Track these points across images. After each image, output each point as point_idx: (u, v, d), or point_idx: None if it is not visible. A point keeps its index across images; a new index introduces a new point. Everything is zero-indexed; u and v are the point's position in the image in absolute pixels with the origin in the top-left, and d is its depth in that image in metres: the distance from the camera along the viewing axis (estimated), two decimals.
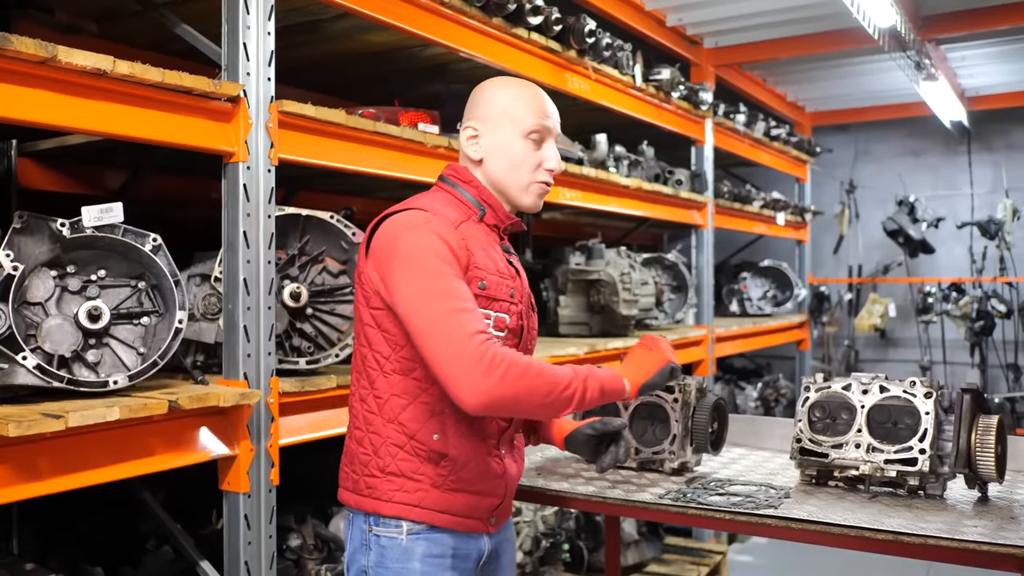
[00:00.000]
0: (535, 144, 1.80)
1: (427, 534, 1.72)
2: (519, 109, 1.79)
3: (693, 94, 4.84)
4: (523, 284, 1.85)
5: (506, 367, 1.57)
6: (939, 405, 1.99)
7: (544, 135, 1.80)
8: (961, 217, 7.62)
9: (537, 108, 1.80)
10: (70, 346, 2.01)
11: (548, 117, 1.81)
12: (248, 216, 2.25)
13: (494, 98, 1.82)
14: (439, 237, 1.65)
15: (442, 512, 1.72)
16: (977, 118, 7.26)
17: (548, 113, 1.82)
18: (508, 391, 1.57)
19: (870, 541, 1.75)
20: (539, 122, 1.79)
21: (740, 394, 6.44)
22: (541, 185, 1.82)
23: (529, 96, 1.82)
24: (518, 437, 1.91)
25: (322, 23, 2.89)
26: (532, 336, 1.89)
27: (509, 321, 1.76)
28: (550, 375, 1.61)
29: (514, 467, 1.85)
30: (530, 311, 1.87)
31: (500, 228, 1.83)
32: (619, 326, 4.16)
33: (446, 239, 1.66)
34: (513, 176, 1.80)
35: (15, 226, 1.98)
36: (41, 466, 1.80)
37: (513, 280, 1.80)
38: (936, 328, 7.66)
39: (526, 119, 1.78)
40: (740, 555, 5.32)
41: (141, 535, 3.01)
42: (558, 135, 1.86)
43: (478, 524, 1.78)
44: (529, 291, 1.89)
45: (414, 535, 1.72)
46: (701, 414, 2.22)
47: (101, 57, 1.86)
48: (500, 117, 1.79)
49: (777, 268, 6.70)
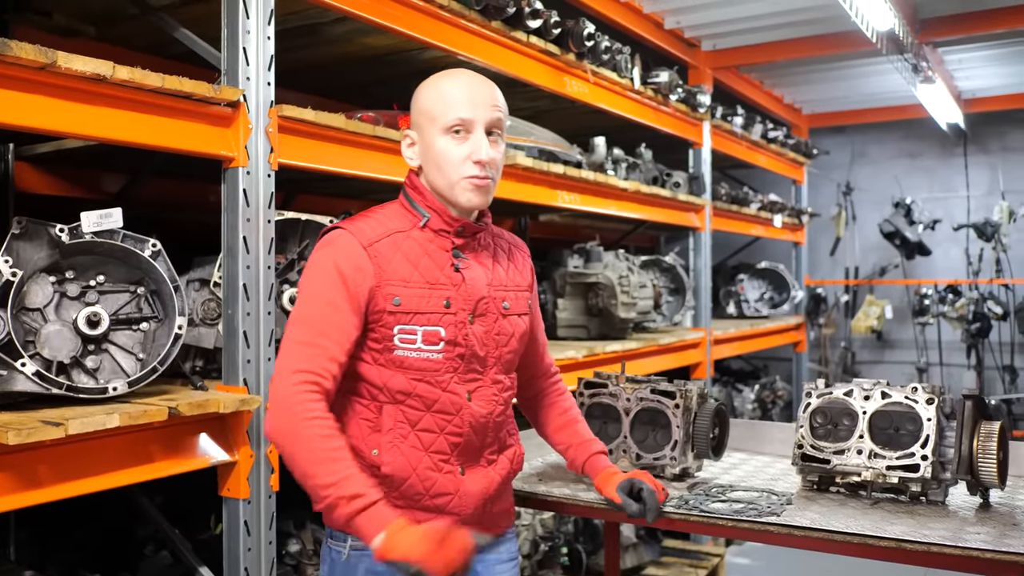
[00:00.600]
0: (459, 138, 1.70)
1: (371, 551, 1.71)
2: (436, 106, 1.72)
3: (691, 97, 4.84)
4: (474, 290, 1.74)
5: (292, 423, 1.56)
6: (941, 411, 1.99)
7: (468, 126, 1.70)
8: (957, 219, 7.63)
9: (454, 100, 1.70)
10: (69, 352, 2.00)
11: (468, 107, 1.70)
12: (248, 221, 2.24)
13: (417, 101, 1.77)
14: (334, 262, 1.65)
15: None
16: (973, 120, 7.27)
17: (469, 102, 1.70)
18: (281, 443, 1.58)
19: (873, 548, 1.75)
20: (456, 115, 1.69)
21: (737, 396, 6.45)
22: (471, 180, 1.70)
23: (446, 89, 1.73)
24: (505, 453, 1.83)
25: (321, 27, 2.88)
26: (501, 343, 1.78)
27: (445, 334, 1.69)
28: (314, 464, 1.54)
29: (479, 484, 1.76)
30: (498, 317, 1.78)
31: (451, 232, 1.76)
32: (617, 329, 4.15)
33: (340, 265, 1.65)
34: (441, 177, 1.72)
35: (14, 231, 1.97)
36: (41, 474, 1.79)
37: (455, 288, 1.72)
38: (932, 330, 7.67)
39: (443, 115, 1.70)
40: (737, 557, 5.32)
41: (139, 541, 3.00)
42: (494, 122, 1.72)
43: None
44: (497, 296, 1.78)
45: (358, 551, 1.71)
46: (702, 420, 2.22)
47: (101, 62, 1.85)
48: (422, 119, 1.74)
49: (774, 270, 6.71)
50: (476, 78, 1.76)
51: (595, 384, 2.36)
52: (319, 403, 1.60)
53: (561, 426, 2.03)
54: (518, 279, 1.88)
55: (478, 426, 1.75)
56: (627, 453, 2.26)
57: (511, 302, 1.82)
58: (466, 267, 1.75)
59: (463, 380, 1.73)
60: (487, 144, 1.71)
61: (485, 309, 1.76)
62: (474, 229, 1.78)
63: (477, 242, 1.80)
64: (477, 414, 1.74)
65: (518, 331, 1.83)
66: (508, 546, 1.90)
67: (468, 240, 1.78)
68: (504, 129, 1.77)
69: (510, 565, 1.89)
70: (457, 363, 1.72)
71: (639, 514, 1.86)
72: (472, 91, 1.72)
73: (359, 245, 1.68)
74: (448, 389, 1.71)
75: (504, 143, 1.79)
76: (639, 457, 2.25)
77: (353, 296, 1.66)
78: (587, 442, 2.00)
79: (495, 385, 1.78)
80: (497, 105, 1.74)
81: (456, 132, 1.70)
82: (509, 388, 1.84)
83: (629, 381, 2.32)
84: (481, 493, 1.76)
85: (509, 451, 1.86)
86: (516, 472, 1.89)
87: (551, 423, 2.05)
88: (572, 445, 2.01)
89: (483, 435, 1.77)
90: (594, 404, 2.34)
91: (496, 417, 1.78)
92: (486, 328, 1.76)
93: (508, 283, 1.83)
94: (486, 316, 1.76)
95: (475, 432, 1.74)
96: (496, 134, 1.74)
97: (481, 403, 1.75)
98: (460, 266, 1.74)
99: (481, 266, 1.78)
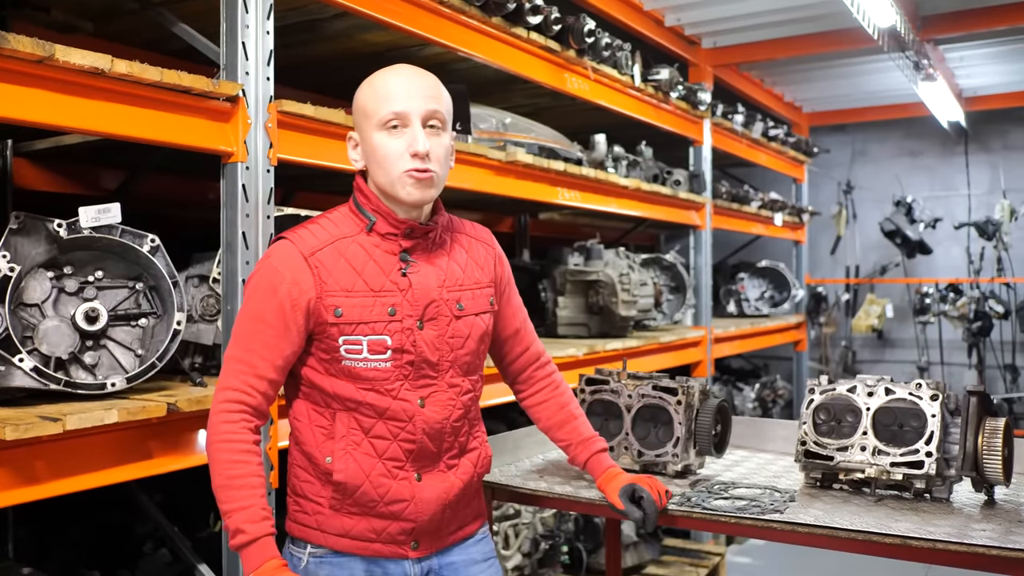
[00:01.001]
0: (396, 133, 1.66)
1: (331, 558, 1.70)
2: (369, 103, 1.68)
3: (691, 94, 4.83)
4: (422, 295, 1.69)
5: (209, 443, 1.62)
6: (945, 407, 1.98)
7: (403, 120, 1.65)
8: (958, 218, 7.63)
9: (386, 94, 1.66)
10: (67, 348, 1.99)
11: (401, 100, 1.65)
12: (247, 217, 2.22)
13: (355, 100, 1.73)
14: (269, 277, 1.65)
15: (341, 536, 1.69)
16: (975, 119, 7.26)
17: (401, 95, 1.65)
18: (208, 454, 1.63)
19: (877, 545, 1.74)
20: (389, 109, 1.64)
21: (738, 395, 6.44)
22: (411, 174, 1.65)
23: (379, 85, 1.69)
24: (467, 456, 1.78)
25: (321, 22, 2.87)
26: (455, 345, 1.73)
27: (391, 342, 1.65)
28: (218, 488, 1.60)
29: (436, 489, 1.71)
30: (451, 320, 1.72)
31: (399, 234, 1.70)
32: (618, 327, 4.14)
33: (274, 280, 1.64)
34: (382, 174, 1.67)
35: (11, 226, 1.96)
36: (38, 469, 1.78)
37: (402, 293, 1.67)
38: (933, 329, 7.66)
39: (377, 110, 1.66)
40: (738, 556, 5.31)
41: (138, 538, 2.99)
42: (431, 113, 1.67)
43: (391, 549, 1.71)
44: (450, 297, 1.73)
45: (317, 559, 1.71)
46: (704, 416, 2.20)
47: (99, 56, 1.84)
48: (359, 118, 1.71)
49: (774, 269, 6.70)
50: (410, 71, 1.71)
51: (596, 381, 2.34)
52: (236, 424, 1.61)
53: (561, 422, 1.98)
54: (477, 275, 1.81)
55: (433, 432, 1.70)
56: (628, 450, 2.25)
57: (467, 302, 1.76)
58: (415, 271, 1.70)
59: (415, 387, 1.69)
60: (423, 136, 1.65)
61: (436, 313, 1.71)
62: (424, 230, 1.72)
63: (430, 241, 1.75)
64: (431, 420, 1.70)
65: (476, 331, 1.77)
66: (481, 547, 1.86)
67: (419, 241, 1.73)
68: (446, 123, 1.71)
69: (485, 565, 1.85)
70: (407, 370, 1.68)
71: (640, 522, 1.85)
72: (405, 84, 1.68)
73: (299, 256, 1.65)
74: (399, 397, 1.67)
75: (448, 136, 1.72)
76: (641, 454, 2.23)
77: (286, 311, 1.63)
78: (588, 440, 1.97)
79: (451, 389, 1.73)
80: (434, 96, 1.69)
81: (393, 127, 1.66)
82: (469, 391, 1.78)
83: (631, 378, 2.31)
84: (438, 499, 1.72)
85: (472, 454, 1.80)
86: (482, 475, 1.84)
87: (547, 418, 1.99)
88: (573, 443, 1.97)
89: (439, 440, 1.72)
90: (595, 401, 2.32)
91: (453, 422, 1.73)
92: (438, 332, 1.71)
93: (465, 281, 1.77)
94: (437, 320, 1.71)
95: (430, 438, 1.70)
96: (436, 126, 1.68)
97: (436, 408, 1.70)
98: (408, 270, 1.69)
99: (433, 267, 1.73)
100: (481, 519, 1.89)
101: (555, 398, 2.00)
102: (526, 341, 1.99)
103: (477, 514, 1.87)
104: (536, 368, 2.01)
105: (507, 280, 1.92)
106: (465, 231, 1.86)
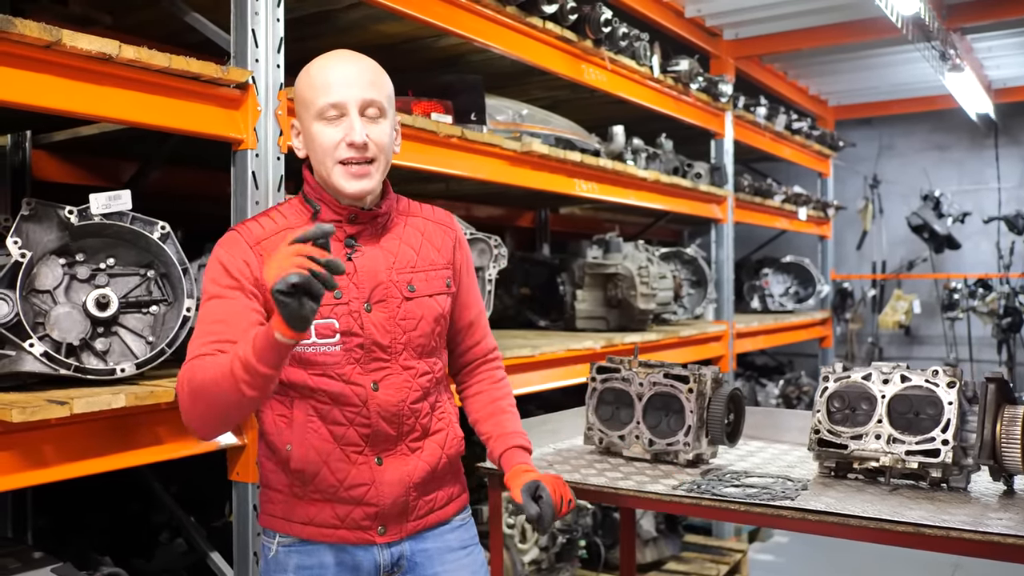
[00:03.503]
0: (333, 123, 1.64)
1: (299, 547, 1.71)
2: (307, 92, 1.67)
3: (712, 86, 4.78)
4: (368, 277, 1.68)
5: (182, 383, 1.52)
6: (963, 395, 1.93)
7: (340, 109, 1.64)
8: (988, 212, 7.49)
9: (322, 84, 1.64)
10: (78, 334, 2.00)
11: (337, 89, 1.63)
12: (257, 204, 2.22)
13: (295, 89, 1.72)
14: (218, 259, 1.65)
15: (306, 524, 1.70)
16: (1004, 111, 7.12)
17: (337, 85, 1.64)
18: (187, 407, 1.53)
19: (890, 533, 1.70)
20: (324, 99, 1.63)
21: (761, 391, 6.37)
22: (347, 165, 1.64)
23: (315, 74, 1.67)
24: (432, 439, 1.76)
25: (334, 13, 2.87)
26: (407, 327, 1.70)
27: (339, 325, 1.65)
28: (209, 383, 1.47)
29: (398, 472, 1.70)
30: (401, 301, 1.70)
31: (343, 220, 1.70)
32: (636, 320, 4.11)
33: (224, 260, 1.64)
34: (322, 166, 1.67)
35: (23, 213, 1.97)
36: (46, 453, 1.79)
37: (348, 277, 1.66)
38: (962, 325, 7.53)
39: (313, 101, 1.65)
40: (760, 554, 5.25)
41: (155, 527, 3.01)
42: (369, 102, 1.65)
43: (357, 535, 1.70)
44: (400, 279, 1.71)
45: (286, 547, 1.72)
46: (716, 405, 2.18)
47: (107, 41, 1.85)
48: (299, 107, 1.70)
49: (799, 264, 6.62)
50: (348, 58, 1.70)
51: (607, 369, 2.32)
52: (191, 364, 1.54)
53: (488, 415, 1.91)
54: (433, 256, 1.79)
55: (388, 416, 1.69)
56: (639, 439, 2.22)
57: (420, 283, 1.75)
58: (359, 255, 1.69)
59: (367, 370, 1.68)
60: (360, 125, 1.64)
61: (385, 295, 1.70)
62: (369, 215, 1.72)
63: (378, 226, 1.74)
64: (385, 403, 1.68)
65: (430, 313, 1.75)
66: (458, 534, 1.83)
67: (365, 226, 1.72)
68: (386, 109, 1.69)
69: (462, 553, 1.81)
70: (358, 353, 1.67)
71: (535, 519, 1.74)
72: (342, 73, 1.66)
73: (245, 244, 1.66)
74: (352, 381, 1.67)
75: (390, 123, 1.70)
76: (652, 443, 2.21)
77: (243, 284, 1.63)
78: (509, 434, 1.88)
79: (406, 372, 1.71)
80: (371, 83, 1.67)
81: (330, 117, 1.65)
82: (426, 373, 1.75)
83: (642, 366, 2.28)
84: (400, 482, 1.70)
85: (438, 436, 1.77)
86: (452, 457, 1.80)
87: (476, 411, 1.93)
88: (493, 436, 1.89)
89: (397, 424, 1.70)
90: (607, 389, 2.30)
91: (411, 403, 1.71)
92: (388, 314, 1.69)
93: (418, 263, 1.76)
94: (387, 302, 1.70)
95: (387, 421, 1.69)
96: (374, 115, 1.67)
97: (390, 392, 1.69)
98: (353, 255, 1.69)
99: (380, 250, 1.72)
100: (458, 504, 1.85)
101: (490, 391, 1.95)
102: (477, 335, 1.94)
103: (454, 498, 1.84)
104: (483, 363, 1.97)
105: (466, 267, 1.89)
106: (422, 214, 1.85)
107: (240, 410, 1.51)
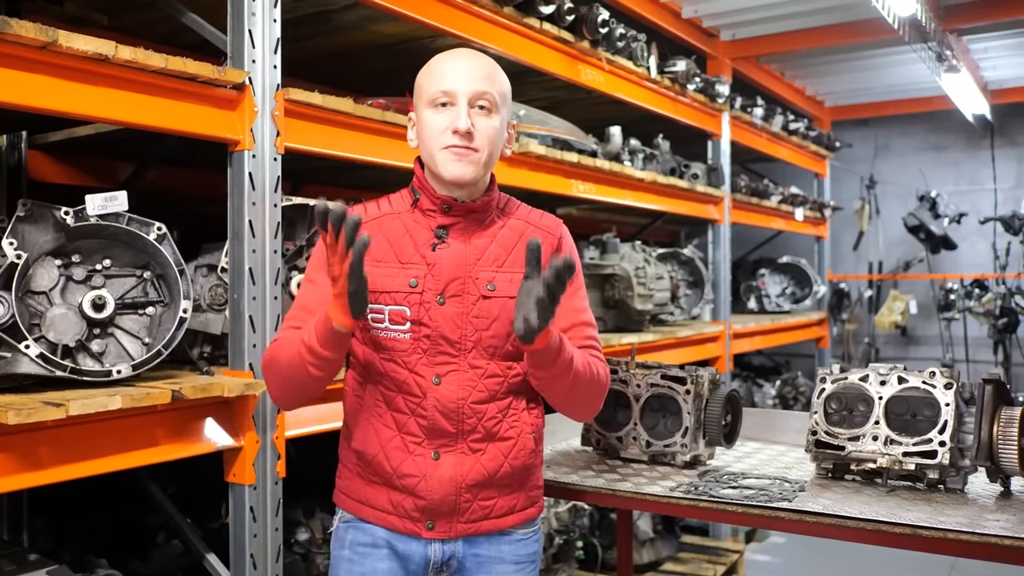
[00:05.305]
0: (442, 111, 1.68)
1: (356, 523, 1.76)
2: (424, 83, 1.72)
3: (709, 87, 4.79)
4: (446, 270, 1.68)
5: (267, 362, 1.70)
6: (960, 396, 1.93)
7: (449, 99, 1.67)
8: (984, 212, 7.50)
9: (437, 73, 1.70)
10: (74, 335, 2.00)
11: (451, 80, 1.67)
12: (254, 205, 2.22)
13: (415, 83, 1.77)
14: (319, 246, 1.72)
15: (363, 504, 1.74)
16: (1000, 112, 7.14)
17: (452, 75, 1.68)
18: (273, 384, 1.70)
19: (887, 535, 1.70)
20: (437, 88, 1.68)
21: (758, 391, 6.37)
22: (449, 149, 1.67)
23: (434, 65, 1.72)
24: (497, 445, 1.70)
25: (331, 14, 2.87)
26: (480, 326, 1.68)
27: (410, 313, 1.67)
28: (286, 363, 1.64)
29: (452, 470, 1.67)
30: (478, 299, 1.68)
31: (436, 210, 1.72)
32: (634, 321, 4.11)
33: (320, 247, 1.71)
34: (426, 150, 1.71)
35: (19, 214, 1.97)
36: (42, 455, 1.78)
37: (429, 267, 1.68)
38: (958, 325, 7.54)
39: (428, 89, 1.70)
40: (757, 554, 5.25)
41: (151, 529, 3.00)
42: (479, 95, 1.68)
43: (406, 525, 1.69)
44: (482, 277, 1.69)
45: (346, 523, 1.78)
46: (714, 406, 2.17)
47: (103, 42, 1.84)
48: (416, 97, 1.75)
49: (796, 265, 6.62)
50: (466, 54, 1.74)
51: None
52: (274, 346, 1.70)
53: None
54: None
55: (447, 411, 1.67)
56: (637, 440, 2.22)
57: (502, 284, 1.70)
58: (444, 247, 1.70)
59: (432, 363, 1.68)
60: (466, 115, 1.67)
61: (460, 290, 1.69)
62: (465, 207, 1.72)
63: (473, 220, 1.73)
64: (445, 399, 1.67)
65: (507, 315, 1.69)
66: (515, 548, 1.77)
67: (460, 219, 1.72)
68: (498, 106, 1.72)
69: (514, 568, 1.76)
70: (425, 344, 1.67)
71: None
72: (458, 65, 1.70)
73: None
74: (415, 370, 1.68)
75: (500, 119, 1.72)
76: (649, 444, 2.20)
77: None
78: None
79: (473, 370, 1.69)
80: (484, 78, 1.70)
81: (441, 105, 1.68)
82: (497, 376, 1.71)
83: (639, 367, 2.28)
84: (452, 480, 1.68)
85: (504, 444, 1.71)
86: (516, 468, 1.73)
87: None
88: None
89: (456, 421, 1.68)
90: None
91: (473, 403, 1.68)
92: (461, 310, 1.68)
93: (506, 263, 1.72)
94: (462, 297, 1.69)
95: (444, 417, 1.67)
96: (485, 107, 1.69)
97: (451, 388, 1.67)
98: (439, 246, 1.71)
99: (468, 245, 1.71)
100: (520, 517, 1.78)
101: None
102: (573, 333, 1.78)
103: (513, 510, 1.76)
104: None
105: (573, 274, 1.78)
106: (527, 218, 1.81)
107: (311, 387, 1.67)
